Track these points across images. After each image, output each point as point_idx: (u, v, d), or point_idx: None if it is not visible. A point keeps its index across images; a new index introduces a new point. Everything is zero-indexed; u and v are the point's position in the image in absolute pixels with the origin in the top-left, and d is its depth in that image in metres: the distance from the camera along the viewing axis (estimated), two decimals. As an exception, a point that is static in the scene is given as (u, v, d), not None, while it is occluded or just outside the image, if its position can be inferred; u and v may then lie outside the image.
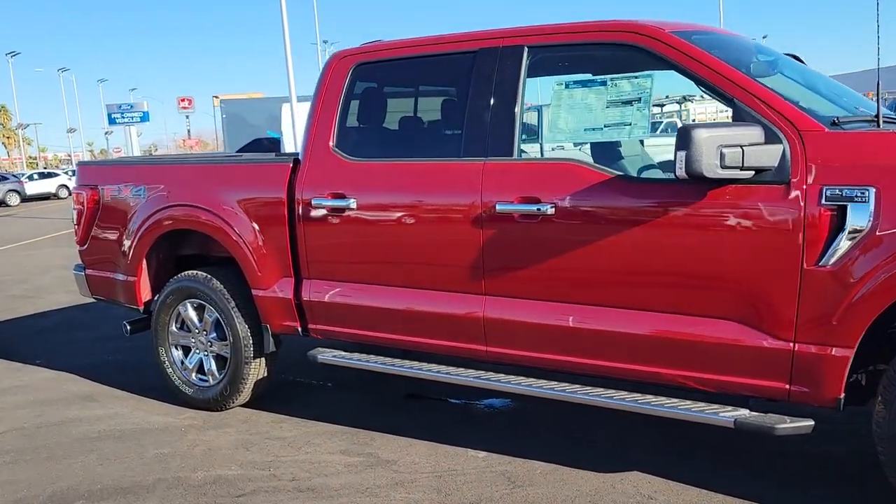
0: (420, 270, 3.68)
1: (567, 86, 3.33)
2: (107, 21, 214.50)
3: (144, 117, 67.53)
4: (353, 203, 3.80)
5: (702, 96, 3.97)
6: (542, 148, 4.75)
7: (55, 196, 40.66)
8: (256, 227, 4.17)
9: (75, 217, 5.05)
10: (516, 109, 3.42)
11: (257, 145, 20.94)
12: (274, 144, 20.67)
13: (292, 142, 17.47)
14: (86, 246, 5.06)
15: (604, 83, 3.24)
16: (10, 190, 38.05)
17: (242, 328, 4.37)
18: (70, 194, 39.94)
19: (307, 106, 14.53)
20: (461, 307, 3.56)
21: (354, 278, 3.91)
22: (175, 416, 4.60)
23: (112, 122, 67.41)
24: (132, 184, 4.72)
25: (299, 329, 4.18)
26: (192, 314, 4.62)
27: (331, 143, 3.96)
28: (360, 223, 3.82)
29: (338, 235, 3.91)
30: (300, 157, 4.09)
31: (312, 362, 4.15)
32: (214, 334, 4.57)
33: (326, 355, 4.08)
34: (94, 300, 5.25)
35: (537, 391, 3.37)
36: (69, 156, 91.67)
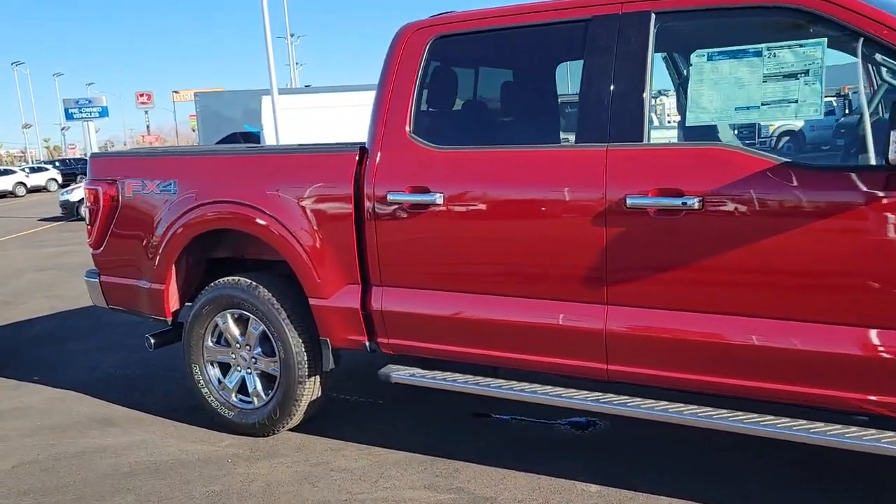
0: (524, 277, 3.16)
1: (710, 58, 2.84)
2: (62, 13, 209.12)
3: (103, 112, 65.44)
4: (438, 198, 3.26)
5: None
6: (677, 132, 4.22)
7: (12, 194, 39.19)
8: (316, 226, 3.61)
9: (88, 217, 4.42)
10: (645, 87, 2.92)
11: (232, 141, 20.20)
12: (250, 139, 19.94)
13: (273, 136, 16.77)
14: (101, 249, 4.44)
15: (758, 53, 2.75)
16: (-36, 188, 36.53)
17: (295, 343, 3.81)
18: (27, 191, 38.43)
19: (290, 99, 13.86)
20: (578, 319, 3.06)
21: (440, 285, 3.38)
22: (215, 444, 4.02)
23: (69, 117, 65.11)
24: (159, 178, 4.11)
25: (366, 344, 3.64)
26: (233, 327, 4.04)
27: (407, 130, 3.42)
28: (447, 221, 3.29)
29: (419, 236, 3.37)
30: (368, 146, 3.54)
31: (380, 380, 3.60)
32: (259, 349, 4.00)
33: (402, 374, 3.55)
34: (108, 308, 4.60)
35: (696, 419, 2.87)
36: (23, 152, 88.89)
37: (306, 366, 3.83)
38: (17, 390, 5.24)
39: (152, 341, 4.36)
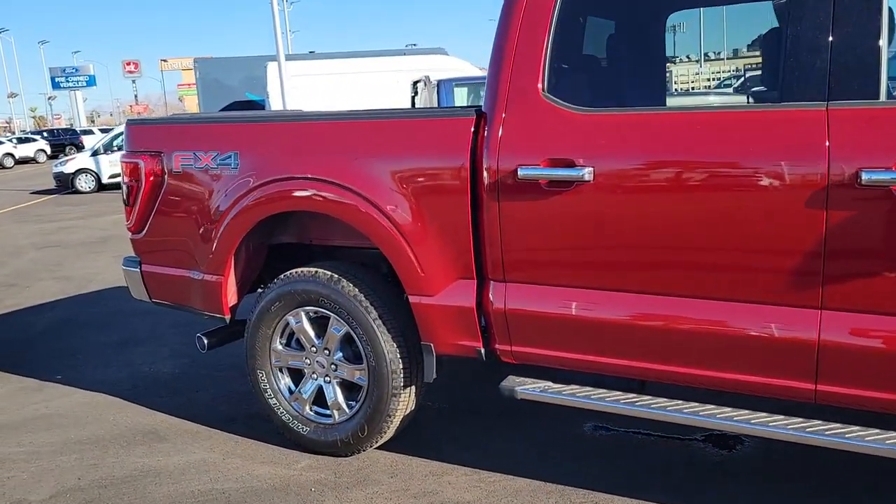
0: (705, 274, 2.53)
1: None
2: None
3: (90, 81, 64.31)
4: (587, 173, 2.60)
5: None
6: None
7: (0, 166, 38.10)
8: (419, 209, 2.96)
9: (126, 195, 3.74)
10: (881, 26, 2.26)
11: (232, 110, 19.34)
12: (249, 108, 19.08)
13: (280, 105, 15.97)
14: (142, 233, 3.76)
15: None
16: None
17: (389, 348, 3.17)
18: (15, 163, 37.43)
19: (298, 65, 12.98)
20: (780, 327, 2.43)
21: (585, 282, 2.74)
22: (289, 466, 3.39)
23: (56, 86, 64.07)
24: (216, 150, 3.43)
25: (480, 350, 3.00)
26: (308, 327, 3.39)
27: (540, 87, 2.75)
28: (598, 203, 2.64)
29: (559, 221, 2.72)
30: (486, 109, 2.87)
31: (503, 395, 2.97)
32: (341, 354, 3.35)
33: (530, 388, 2.91)
34: (151, 302, 3.93)
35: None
36: (8, 122, 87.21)
37: (402, 375, 3.19)
38: (41, 393, 4.58)
39: (205, 342, 3.71)
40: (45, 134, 46.09)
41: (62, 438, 3.85)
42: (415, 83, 14.84)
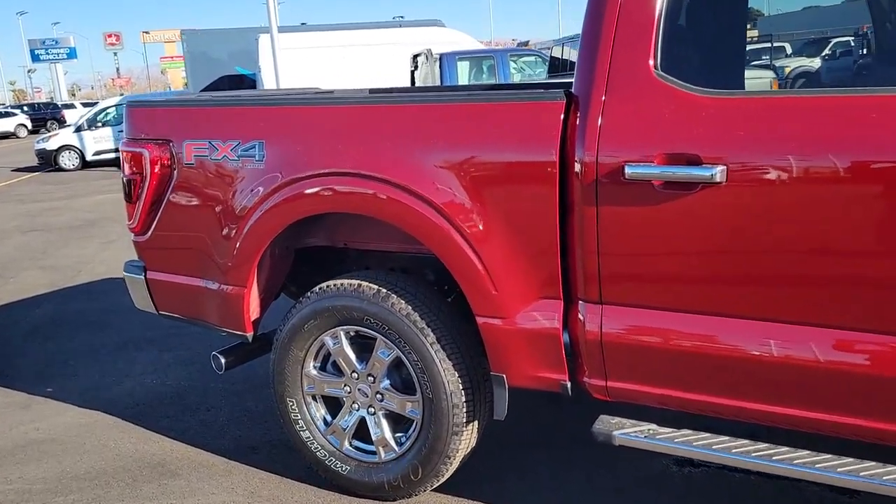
0: (883, 301, 2.01)
1: None
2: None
3: (71, 54, 62.91)
4: (718, 173, 2.08)
5: None
6: None
7: (-20, 141, 37.08)
8: (492, 212, 2.42)
9: (128, 190, 3.17)
10: None
11: (219, 87, 18.60)
12: (241, 85, 18.32)
13: (273, 80, 15.28)
14: (147, 235, 3.20)
15: None
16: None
17: (450, 378, 2.65)
18: (-2, 138, 36.34)
19: (292, 38, 12.19)
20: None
21: (709, 306, 2.22)
22: (329, 514, 2.87)
23: (36, 58, 62.63)
24: (237, 138, 2.87)
25: (566, 384, 2.48)
26: (349, 350, 2.86)
27: (651, 65, 2.21)
28: (731, 211, 2.12)
29: (677, 231, 2.20)
30: (578, 91, 2.33)
31: (595, 439, 2.46)
32: (388, 382, 2.83)
33: (633, 434, 2.40)
34: (157, 314, 3.38)
35: None
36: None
37: (465, 410, 2.68)
38: (30, 411, 4.04)
39: (222, 361, 3.17)
40: (24, 108, 44.97)
41: (56, 472, 3.32)
42: (415, 56, 14.22)
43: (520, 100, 2.42)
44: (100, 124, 19.50)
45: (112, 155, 18.68)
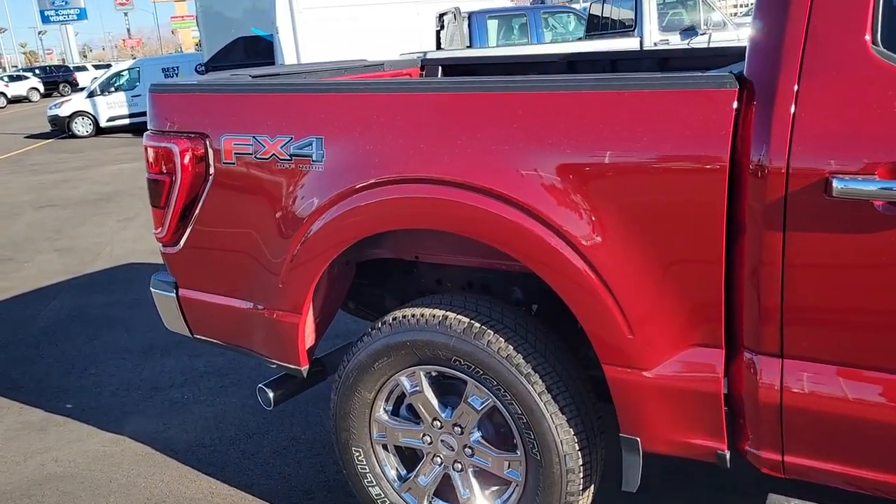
0: None
1: None
2: None
3: (81, 14, 61.88)
4: (973, 194, 1.49)
5: None
6: None
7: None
8: (630, 231, 1.86)
9: (155, 193, 2.62)
10: None
11: (234, 49, 17.86)
12: (257, 47, 17.56)
13: (291, 44, 14.55)
14: (179, 247, 2.66)
15: None
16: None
17: (564, 437, 2.11)
18: (8, 102, 35.96)
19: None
20: None
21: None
22: (408, 591, 2.36)
23: (46, 20, 61.67)
24: (289, 132, 2.30)
25: (724, 454, 1.93)
26: (431, 394, 2.33)
27: (867, 39, 1.62)
28: None
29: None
30: (751, 75, 1.74)
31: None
32: (480, 434, 2.30)
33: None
34: (192, 339, 2.86)
35: None
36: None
37: (581, 476, 2.15)
38: (47, 435, 3.55)
39: (270, 396, 2.65)
40: (36, 71, 44.37)
41: (79, 524, 2.84)
42: (441, 16, 13.45)
43: (672, 86, 1.82)
44: (112, 89, 18.92)
45: (126, 121, 18.14)
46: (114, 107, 18.49)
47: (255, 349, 2.66)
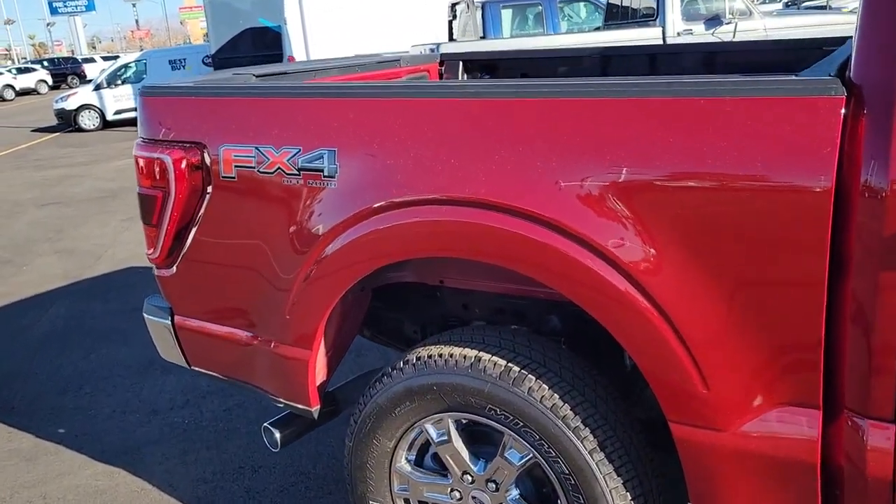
0: None
1: None
2: None
3: (90, 6, 61.70)
4: None
5: None
6: None
7: (0, 98, 36.43)
8: (704, 267, 1.54)
9: (146, 210, 2.31)
10: None
11: (240, 41, 17.55)
12: (265, 39, 17.25)
13: (299, 36, 14.22)
14: (174, 269, 2.35)
15: None
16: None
17: (619, 503, 1.79)
18: (16, 95, 35.88)
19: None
20: None
21: None
22: None
23: (54, 11, 61.56)
24: (298, 143, 1.98)
25: (817, 532, 1.61)
26: (460, 445, 2.02)
27: None
28: None
29: None
30: (862, 79, 1.41)
31: None
32: (518, 493, 1.99)
33: None
34: (192, 370, 2.56)
35: None
36: (7, 51, 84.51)
37: (640, 548, 1.83)
38: (34, 465, 3.27)
39: (277, 437, 2.35)
40: (45, 63, 44.19)
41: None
42: (453, 5, 13.09)
43: (764, 92, 1.50)
44: (119, 82, 18.66)
45: (133, 114, 17.81)
46: (121, 100, 18.21)
47: (259, 385, 2.36)
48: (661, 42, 9.05)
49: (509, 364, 1.87)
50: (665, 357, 1.61)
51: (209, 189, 2.18)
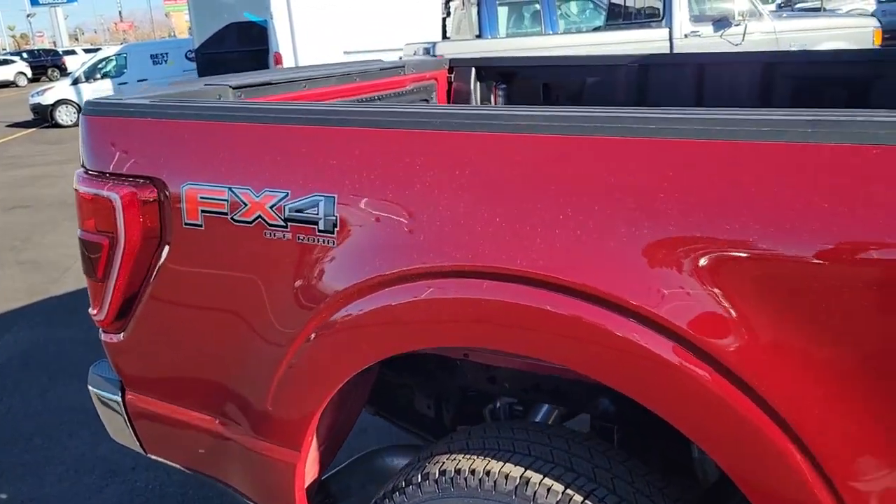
0: None
1: None
2: None
3: (72, -3, 60.45)
4: None
5: None
6: None
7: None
8: (843, 365, 1.06)
9: (91, 260, 1.80)
10: None
11: (224, 36, 16.95)
12: (250, 34, 16.65)
13: (287, 30, 13.65)
14: (125, 334, 1.84)
15: None
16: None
17: None
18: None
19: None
20: None
21: None
22: None
23: (34, 2, 60.26)
24: (284, 185, 1.49)
25: None
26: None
27: None
28: None
29: None
30: None
31: None
32: None
33: None
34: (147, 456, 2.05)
35: None
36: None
37: None
38: (-34, 548, 2.74)
39: (256, 545, 1.84)
40: (24, 55, 43.19)
41: None
42: (447, 2, 12.59)
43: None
44: (98, 76, 18.01)
45: (112, 110, 17.19)
46: (99, 94, 17.55)
47: (231, 484, 1.85)
48: (667, 44, 8.62)
49: (568, 490, 1.38)
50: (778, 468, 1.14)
51: (169, 238, 1.68)
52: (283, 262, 1.51)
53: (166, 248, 1.69)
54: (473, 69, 3.16)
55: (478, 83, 3.19)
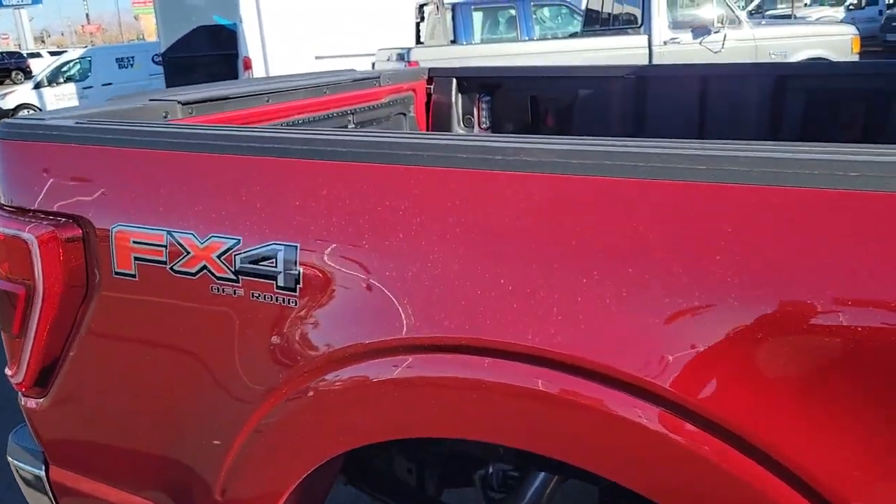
0: None
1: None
2: None
3: (37, -1, 59.29)
4: None
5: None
6: None
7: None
8: None
9: (6, 313, 1.49)
10: None
11: (193, 40, 16.54)
12: (220, 38, 16.26)
13: (257, 34, 13.31)
14: (48, 398, 1.53)
15: None
16: None
17: None
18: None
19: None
20: None
21: None
22: None
23: (-1, 3, 58.94)
24: (235, 231, 1.19)
25: None
26: None
27: None
28: None
29: None
30: None
31: None
32: None
33: None
34: None
35: None
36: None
37: None
38: None
39: None
40: (-14, 57, 42.17)
41: None
42: (420, 6, 12.32)
43: None
44: (62, 80, 17.48)
45: (76, 115, 16.70)
46: (63, 99, 17.04)
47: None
48: (646, 51, 8.45)
49: None
50: None
51: (97, 288, 1.38)
52: (233, 326, 1.23)
53: (93, 301, 1.39)
54: (454, 80, 2.90)
55: (459, 95, 2.93)
